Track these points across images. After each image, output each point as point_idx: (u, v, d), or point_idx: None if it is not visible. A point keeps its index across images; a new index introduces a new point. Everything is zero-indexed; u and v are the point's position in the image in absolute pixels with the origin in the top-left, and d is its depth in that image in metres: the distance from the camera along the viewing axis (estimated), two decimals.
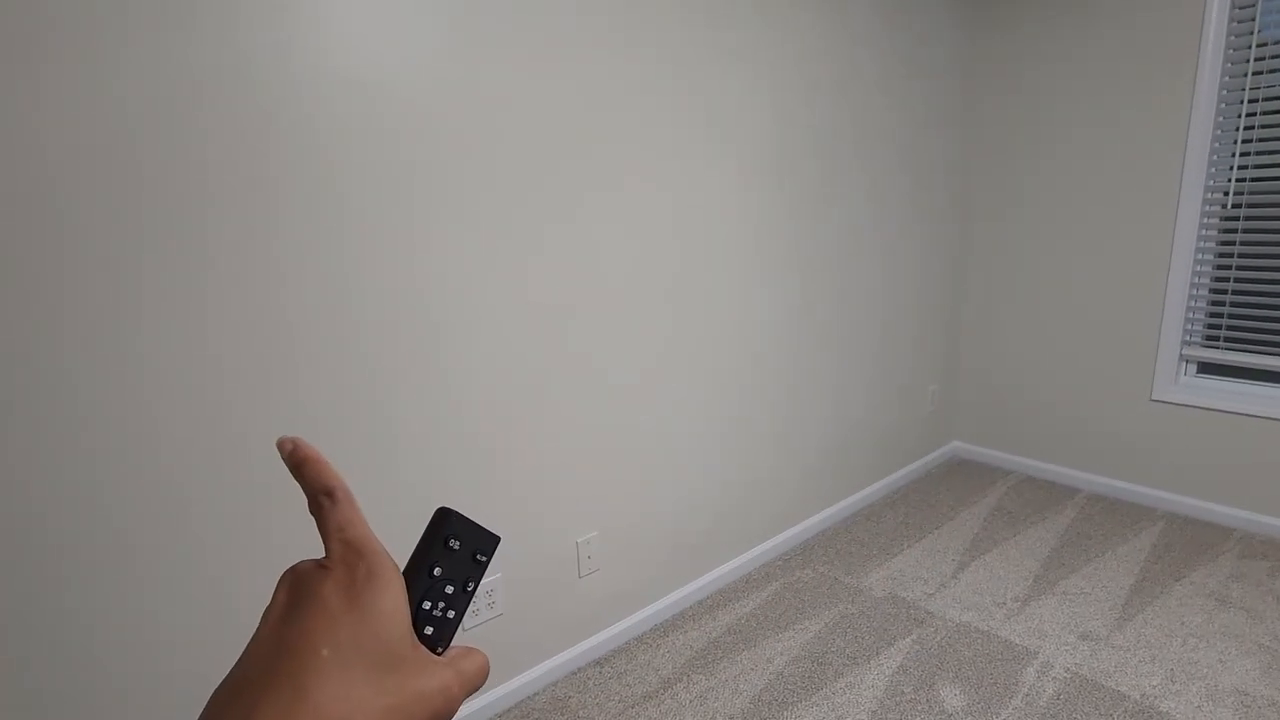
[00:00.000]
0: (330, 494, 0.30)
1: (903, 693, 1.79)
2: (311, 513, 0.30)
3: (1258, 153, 2.37)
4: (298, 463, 0.31)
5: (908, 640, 2.00)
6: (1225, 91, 2.40)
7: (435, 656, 0.29)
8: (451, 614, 0.31)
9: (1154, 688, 1.78)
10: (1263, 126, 2.35)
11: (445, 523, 0.31)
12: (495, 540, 0.33)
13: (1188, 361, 2.65)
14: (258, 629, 0.27)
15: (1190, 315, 2.60)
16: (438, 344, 1.52)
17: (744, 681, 1.85)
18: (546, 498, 1.78)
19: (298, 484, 0.31)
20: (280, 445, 0.31)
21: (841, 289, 2.54)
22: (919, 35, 2.62)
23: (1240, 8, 2.33)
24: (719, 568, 2.32)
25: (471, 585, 0.32)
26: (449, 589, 0.31)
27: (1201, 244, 2.53)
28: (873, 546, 2.57)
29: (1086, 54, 2.67)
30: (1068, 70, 2.73)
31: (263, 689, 0.24)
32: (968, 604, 2.18)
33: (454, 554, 0.31)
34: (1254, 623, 2.03)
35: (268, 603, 0.32)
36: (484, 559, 0.32)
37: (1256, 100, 2.34)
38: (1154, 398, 2.70)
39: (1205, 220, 2.51)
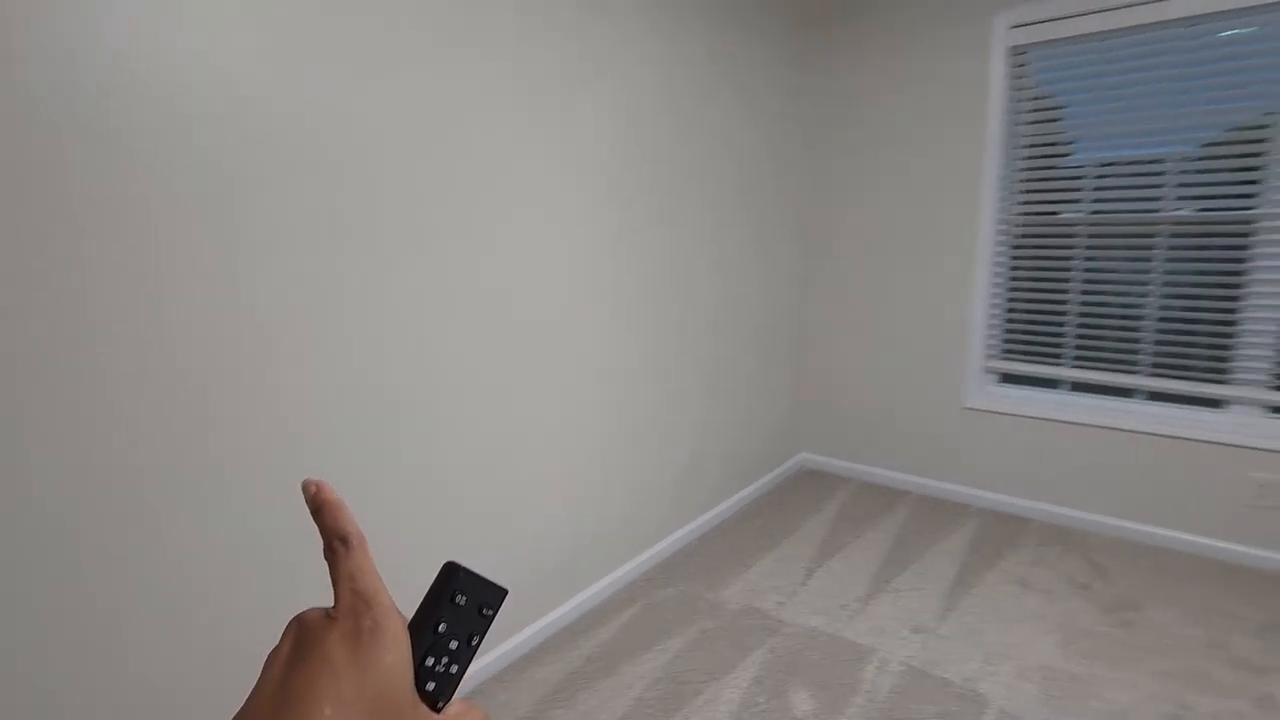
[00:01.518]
0: (345, 540, 0.30)
1: (757, 703, 1.83)
2: (325, 558, 0.30)
3: (1035, 190, 2.74)
4: (317, 506, 0.31)
5: (762, 650, 2.06)
6: (1009, 137, 2.76)
7: (435, 714, 0.29)
8: (454, 669, 0.31)
9: (973, 671, 1.95)
10: (1038, 169, 2.72)
11: (452, 578, 0.31)
12: (502, 594, 0.33)
13: (990, 372, 3.00)
14: (261, 676, 0.28)
15: (990, 332, 2.94)
16: (269, 361, 1.36)
17: (604, 712, 1.80)
18: (392, 530, 1.65)
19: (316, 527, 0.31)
20: (304, 487, 0.32)
21: (698, 313, 2.62)
22: (756, 68, 2.79)
23: (1016, 65, 2.70)
24: (580, 594, 2.27)
25: (476, 639, 0.32)
26: (453, 644, 0.31)
27: (996, 270, 2.88)
28: (731, 559, 2.64)
29: (901, 100, 2.98)
30: (886, 114, 3.02)
31: None
32: (816, 608, 2.29)
33: (459, 609, 0.31)
34: (1051, 603, 2.30)
35: (273, 647, 0.31)
36: (490, 613, 0.32)
37: (1034, 146, 2.72)
38: (965, 406, 3.02)
39: (998, 249, 2.86)
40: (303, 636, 0.28)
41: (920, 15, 2.88)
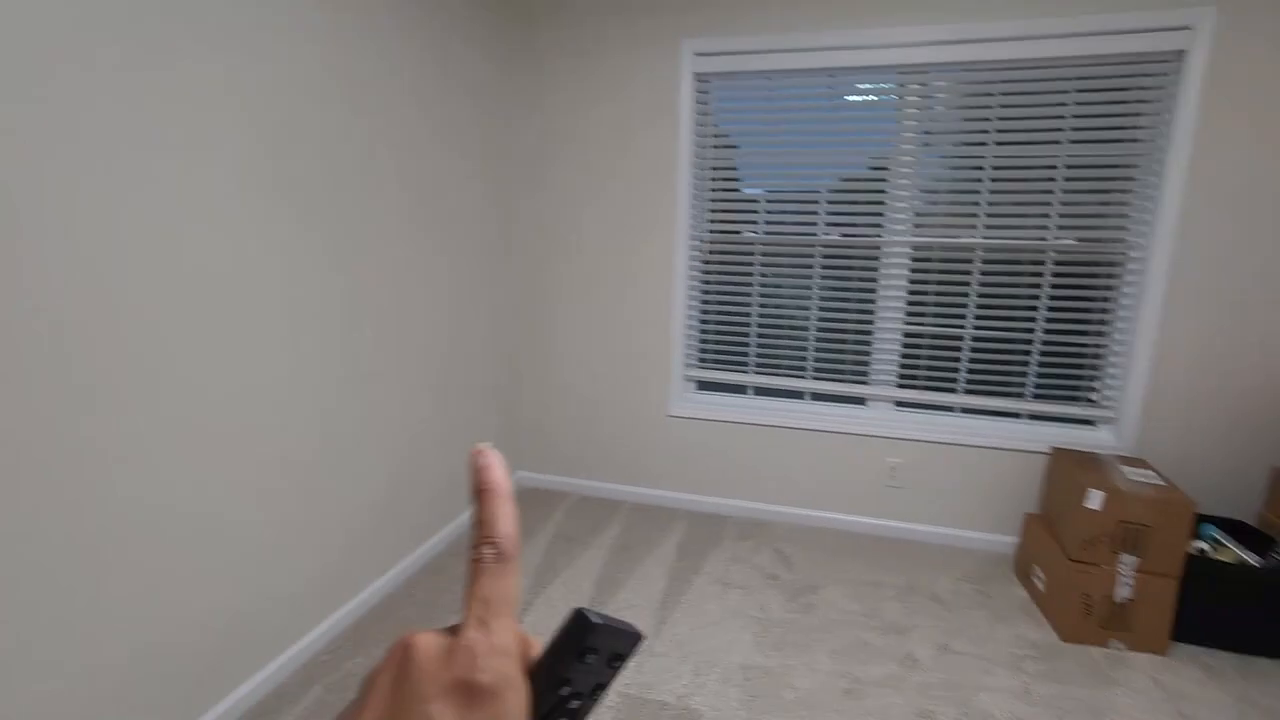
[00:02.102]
0: (497, 549, 0.27)
1: None
2: (469, 556, 0.27)
3: (721, 210, 2.94)
4: (481, 488, 0.28)
5: None
6: (699, 160, 2.92)
7: None
8: None
9: (685, 687, 1.95)
10: (723, 191, 2.93)
11: (586, 634, 0.27)
12: (636, 640, 0.29)
13: (690, 380, 3.15)
14: (358, 703, 0.25)
15: (689, 342, 3.09)
16: None
17: None
18: None
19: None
20: (474, 455, 0.29)
21: (391, 340, 2.26)
22: (463, 86, 2.53)
23: (702, 92, 2.86)
24: (239, 688, 1.77)
25: (601, 691, 0.29)
26: (574, 703, 0.27)
27: (692, 285, 3.03)
28: (439, 605, 2.33)
29: (604, 115, 2.97)
30: (590, 129, 2.99)
31: None
32: None
33: (588, 667, 0.28)
34: (748, 597, 2.44)
35: (370, 673, 0.25)
36: (619, 664, 0.29)
37: (718, 169, 2.91)
38: (669, 414, 3.13)
39: (693, 266, 3.01)
40: (408, 673, 0.24)
41: (615, 31, 2.90)
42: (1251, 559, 2.19)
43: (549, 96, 3.02)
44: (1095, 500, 2.15)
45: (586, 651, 0.27)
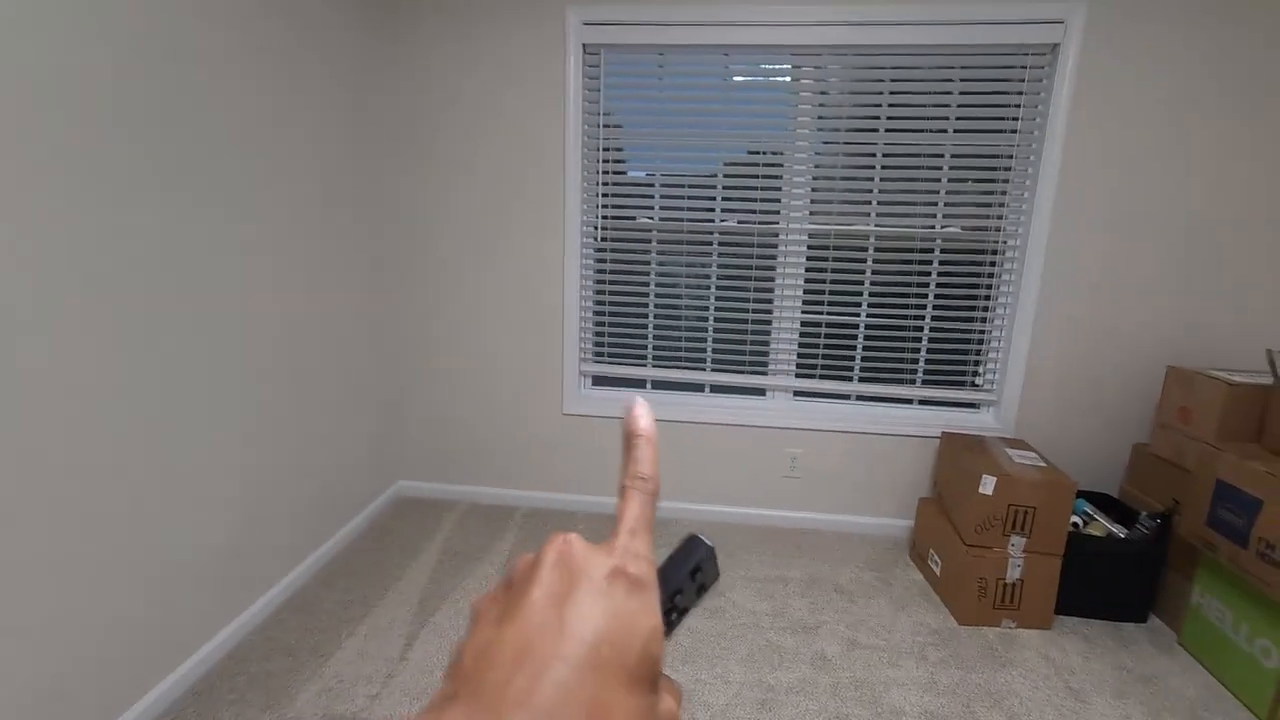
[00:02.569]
0: (647, 484, 0.30)
1: None
2: (619, 490, 0.31)
3: (614, 194, 2.76)
4: (633, 433, 0.32)
5: None
6: (588, 137, 2.71)
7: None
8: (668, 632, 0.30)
9: None
10: (615, 172, 2.74)
11: (698, 554, 0.32)
12: (718, 575, 0.33)
13: (585, 376, 2.97)
14: (520, 582, 0.27)
15: (583, 335, 2.90)
16: None
17: None
18: None
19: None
20: (626, 406, 0.33)
21: (233, 335, 1.90)
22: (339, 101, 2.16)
23: (591, 65, 2.65)
24: None
25: (686, 613, 0.31)
26: (673, 616, 0.30)
27: (584, 274, 2.83)
28: (304, 650, 2.03)
29: (486, 87, 2.68)
30: (470, 103, 2.70)
31: (579, 670, 0.23)
32: (418, 690, 1.87)
33: (692, 584, 0.31)
34: None
35: (528, 556, 0.28)
36: (703, 593, 0.32)
37: (609, 150, 2.72)
38: (565, 412, 2.94)
39: (585, 254, 2.82)
40: (572, 558, 0.27)
41: None
42: (1118, 531, 2.33)
43: (424, 68, 2.70)
44: (988, 485, 2.20)
45: (696, 569, 0.31)
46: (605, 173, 2.75)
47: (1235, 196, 2.43)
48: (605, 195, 2.77)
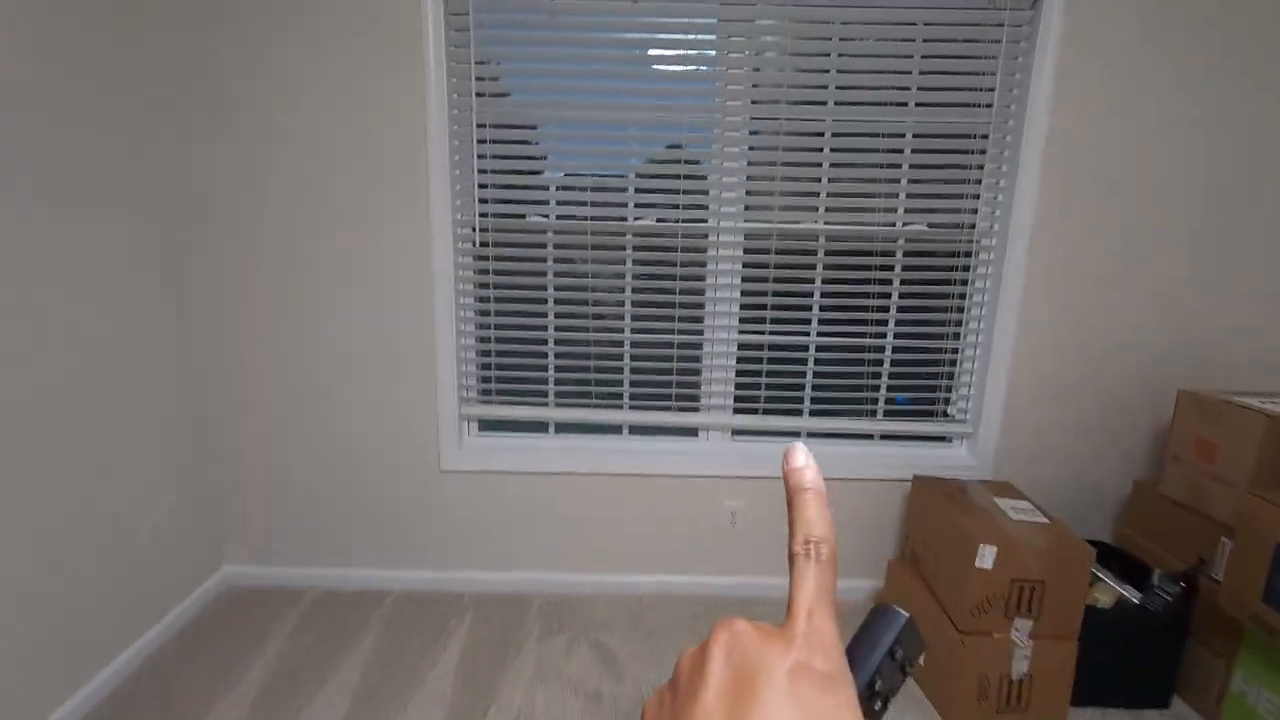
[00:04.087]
0: (820, 548, 0.27)
1: None
2: (789, 558, 0.27)
3: (495, 185, 2.12)
4: (799, 488, 0.28)
5: None
6: (455, 111, 2.06)
7: None
8: None
9: None
10: (495, 156, 2.10)
11: (893, 624, 0.28)
12: (922, 647, 0.29)
13: (469, 420, 2.31)
14: (689, 684, 0.24)
15: (464, 369, 2.24)
16: None
17: None
18: None
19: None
20: (788, 456, 0.29)
21: None
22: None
23: (457, 31, 2.00)
24: None
25: (893, 696, 0.27)
26: (877, 704, 0.26)
27: (461, 290, 2.18)
28: None
29: (310, 62, 1.98)
30: (294, 85, 1.99)
31: None
32: None
33: (894, 664, 0.27)
34: (592, 709, 1.70)
35: (693, 651, 0.25)
36: (910, 670, 0.28)
37: (485, 126, 2.07)
38: (443, 468, 2.27)
39: (460, 263, 2.16)
40: (743, 650, 0.24)
41: None
42: (1129, 594, 1.90)
43: (231, 13, 1.97)
44: (987, 558, 1.70)
45: (896, 648, 0.27)
46: (484, 157, 2.10)
47: (1265, 182, 2.05)
48: (485, 187, 2.12)
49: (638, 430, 2.33)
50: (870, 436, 2.32)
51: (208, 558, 2.28)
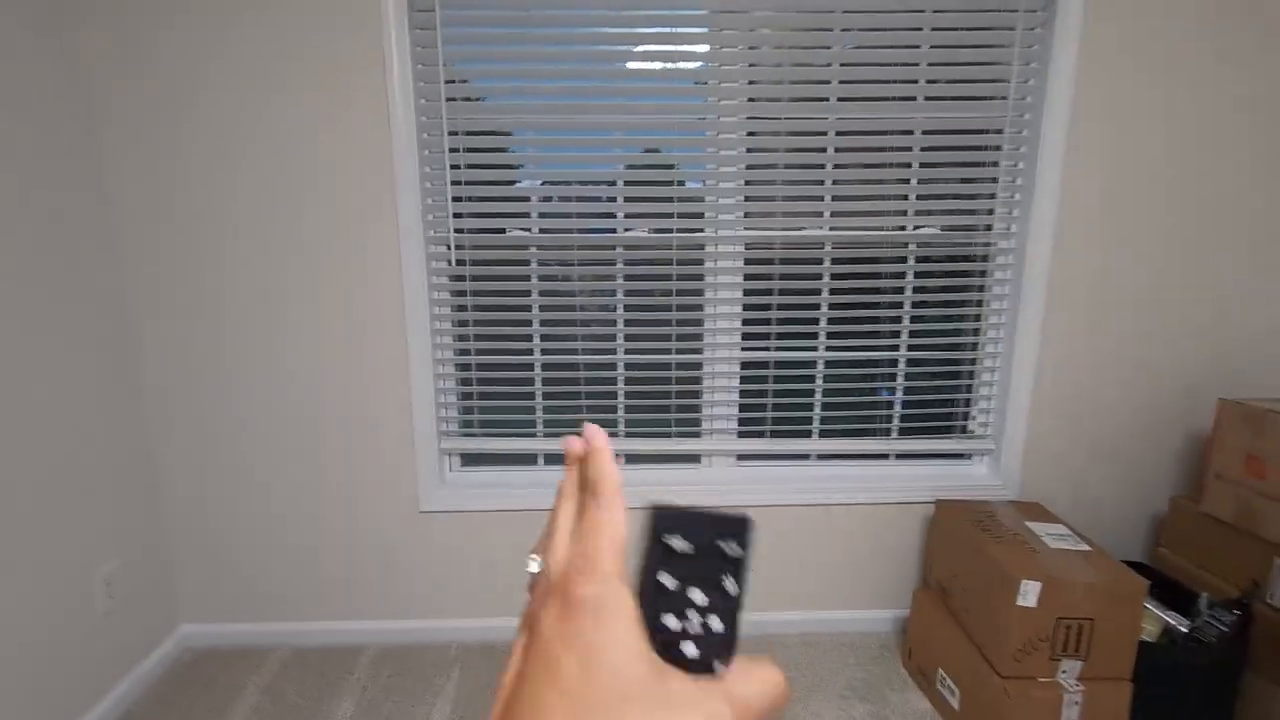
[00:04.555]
0: (593, 492, 0.28)
1: None
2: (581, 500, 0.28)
3: (470, 197, 1.93)
4: (586, 453, 0.30)
5: None
6: (424, 119, 1.87)
7: (697, 683, 0.24)
8: (715, 622, 0.25)
9: None
10: (469, 166, 1.91)
11: (652, 521, 0.27)
12: (742, 522, 0.27)
13: (449, 455, 2.11)
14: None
15: (443, 400, 2.04)
16: None
17: None
18: None
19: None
20: (584, 433, 0.30)
21: None
22: None
23: (422, 28, 1.81)
24: None
25: (729, 582, 0.26)
26: (695, 595, 0.26)
27: (436, 314, 1.98)
28: None
29: (269, 67, 1.78)
30: (249, 86, 1.78)
31: None
32: None
33: (682, 555, 0.26)
34: None
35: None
36: (734, 547, 0.27)
37: (458, 134, 1.89)
38: (423, 509, 2.07)
39: (435, 284, 1.97)
40: (529, 614, 0.26)
41: None
42: (1177, 623, 1.74)
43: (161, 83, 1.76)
44: (1029, 594, 1.54)
45: (662, 535, 0.26)
46: (457, 167, 1.91)
47: None
48: (460, 200, 1.93)
49: (635, 459, 2.15)
50: (885, 456, 2.16)
51: (163, 617, 2.06)
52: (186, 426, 1.98)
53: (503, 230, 1.96)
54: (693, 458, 2.15)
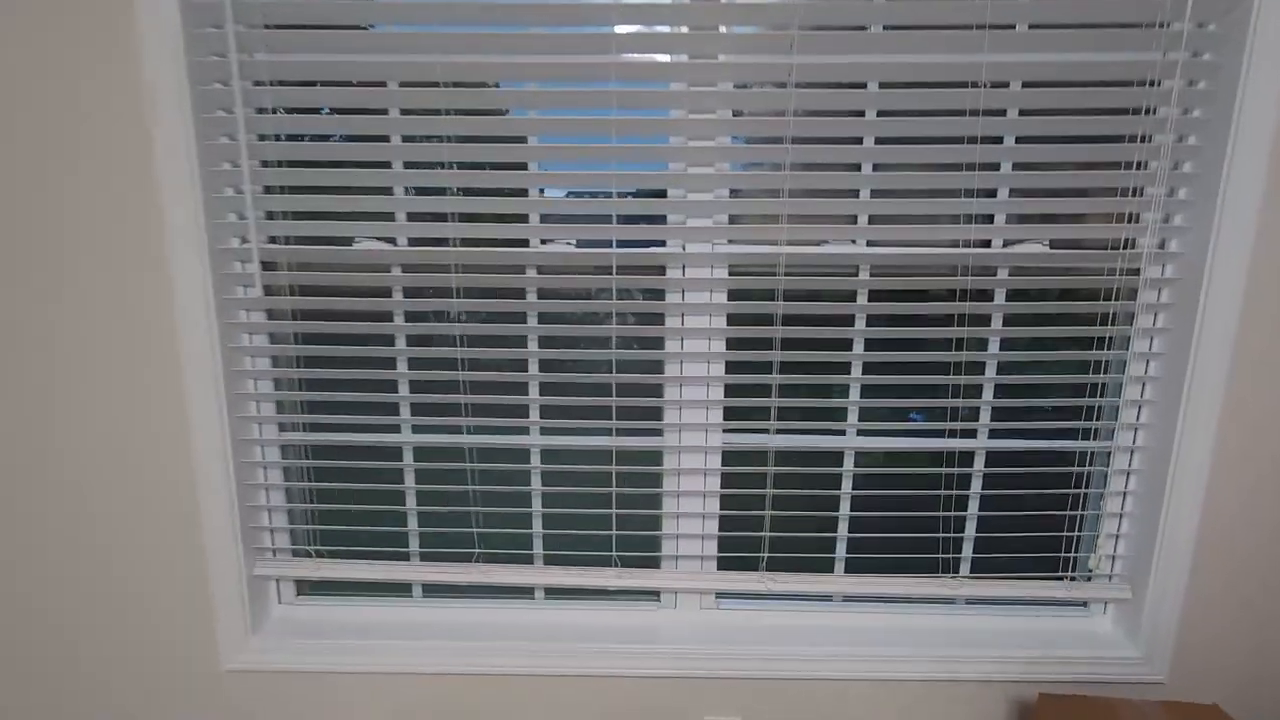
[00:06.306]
0: None
1: None
2: None
3: (294, 189, 1.21)
4: None
5: None
6: (201, 59, 1.15)
7: None
8: None
9: None
10: (290, 137, 1.19)
11: None
12: None
13: (271, 582, 1.38)
14: None
15: (254, 502, 1.31)
16: None
17: None
18: None
19: None
20: None
21: None
22: None
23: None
24: None
25: None
26: None
27: (234, 370, 1.25)
28: None
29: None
30: None
31: None
32: None
33: None
34: None
35: None
36: None
37: (266, 84, 1.17)
38: (227, 666, 1.34)
39: (233, 323, 1.24)
40: None
41: None
42: None
43: None
44: None
45: None
46: (268, 138, 1.19)
47: None
48: (274, 191, 1.21)
49: (559, 593, 1.40)
50: (950, 601, 1.38)
51: None
52: None
53: (350, 240, 1.24)
54: (650, 594, 1.40)
